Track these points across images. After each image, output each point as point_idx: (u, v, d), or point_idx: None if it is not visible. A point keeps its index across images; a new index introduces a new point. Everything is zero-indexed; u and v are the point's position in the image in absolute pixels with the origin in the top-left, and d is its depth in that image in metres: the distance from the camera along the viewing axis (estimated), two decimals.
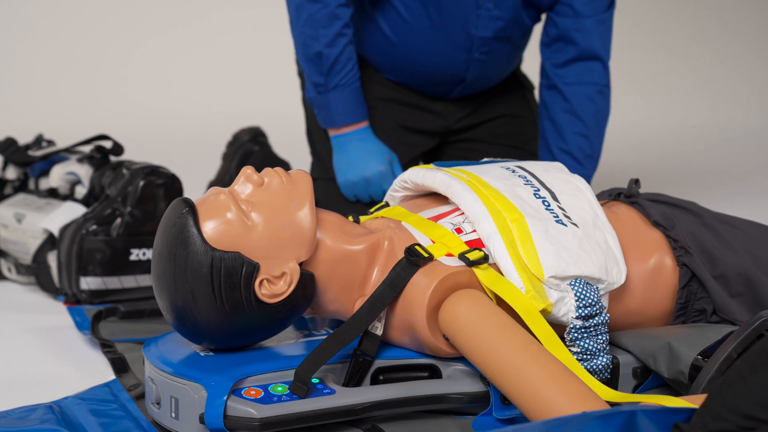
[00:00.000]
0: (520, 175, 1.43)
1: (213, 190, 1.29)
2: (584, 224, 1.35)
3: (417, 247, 1.29)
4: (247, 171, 1.30)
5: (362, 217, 1.46)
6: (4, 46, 4.08)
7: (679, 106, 4.39)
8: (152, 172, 1.90)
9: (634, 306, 1.40)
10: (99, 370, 1.54)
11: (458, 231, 1.34)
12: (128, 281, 1.87)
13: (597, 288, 1.30)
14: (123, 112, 3.90)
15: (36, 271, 1.90)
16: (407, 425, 1.28)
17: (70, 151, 2.08)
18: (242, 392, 1.22)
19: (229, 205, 1.26)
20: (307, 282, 1.28)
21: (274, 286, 1.26)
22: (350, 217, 1.43)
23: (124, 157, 2.05)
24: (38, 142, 2.14)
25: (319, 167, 2.20)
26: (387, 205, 1.51)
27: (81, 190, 1.98)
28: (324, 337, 1.31)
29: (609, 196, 1.56)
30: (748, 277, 1.43)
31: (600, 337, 1.30)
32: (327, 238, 1.31)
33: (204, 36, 4.29)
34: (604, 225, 1.37)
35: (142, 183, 1.88)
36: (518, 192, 1.38)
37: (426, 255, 1.29)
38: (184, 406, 1.23)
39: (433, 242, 1.33)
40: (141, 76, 4.14)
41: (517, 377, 1.15)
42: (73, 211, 1.91)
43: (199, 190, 2.52)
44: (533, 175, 1.44)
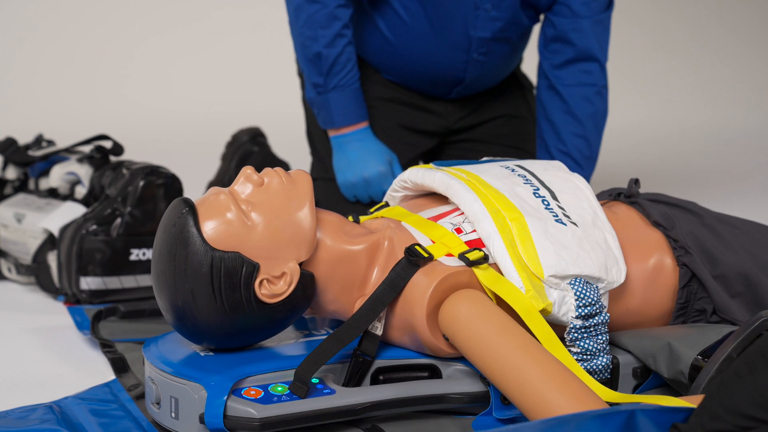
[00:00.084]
0: (519, 174, 1.43)
1: (213, 190, 1.29)
2: (584, 223, 1.35)
3: (417, 247, 1.29)
4: (247, 171, 1.30)
5: (362, 217, 1.46)
6: (4, 46, 4.07)
7: (679, 106, 4.39)
8: (152, 172, 1.90)
9: (634, 306, 1.40)
10: (99, 370, 1.54)
11: (458, 231, 1.34)
12: (128, 281, 1.87)
13: (597, 287, 1.30)
14: (123, 112, 3.90)
15: (36, 271, 1.90)
16: (407, 425, 1.28)
17: (70, 151, 2.07)
18: (242, 392, 1.21)
19: (229, 205, 1.26)
20: (307, 282, 1.28)
21: (274, 286, 1.26)
22: (350, 217, 1.43)
23: (124, 157, 2.05)
24: (38, 142, 2.13)
25: (319, 167, 2.19)
26: (387, 205, 1.51)
27: (81, 190, 1.98)
28: (324, 337, 1.30)
29: (609, 196, 1.55)
30: (748, 277, 1.43)
31: (600, 337, 1.30)
32: (327, 238, 1.30)
33: (204, 36, 4.29)
34: (604, 224, 1.37)
35: (142, 183, 1.88)
36: (518, 191, 1.38)
37: (426, 255, 1.29)
38: (184, 406, 1.23)
39: (433, 242, 1.32)
40: (141, 76, 4.14)
41: (517, 377, 1.15)
42: (73, 211, 1.91)
43: (199, 190, 2.52)
44: (533, 174, 1.44)
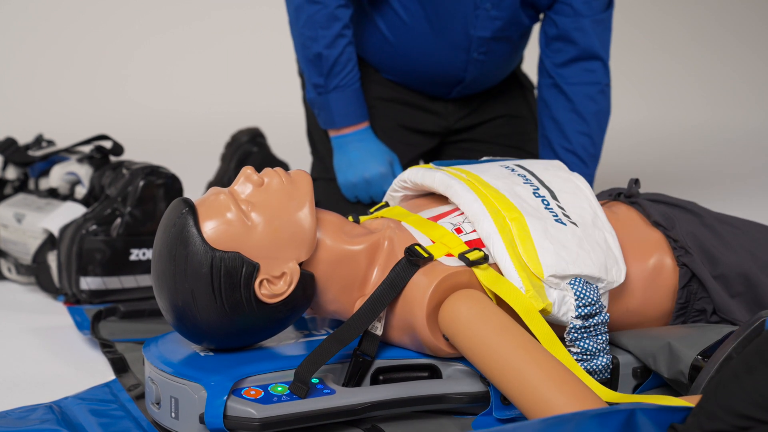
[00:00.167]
0: (519, 174, 1.43)
1: (213, 190, 1.28)
2: (583, 223, 1.35)
3: (417, 247, 1.29)
4: (247, 171, 1.30)
5: (362, 217, 1.46)
6: (4, 46, 4.07)
7: (679, 106, 4.39)
8: (152, 172, 1.90)
9: (634, 306, 1.40)
10: (99, 370, 1.54)
11: (458, 231, 1.34)
12: (128, 281, 1.87)
13: (596, 287, 1.30)
14: (123, 112, 3.90)
15: (36, 271, 1.90)
16: (407, 425, 1.28)
17: (70, 151, 2.07)
18: (242, 392, 1.21)
19: (229, 205, 1.26)
20: (307, 282, 1.28)
21: (274, 286, 1.26)
22: (350, 217, 1.43)
23: (124, 157, 2.05)
24: (38, 142, 2.13)
25: (320, 167, 2.19)
26: (387, 205, 1.51)
27: (81, 190, 1.98)
28: (324, 337, 1.30)
29: (609, 196, 1.55)
30: (748, 277, 1.43)
31: (600, 337, 1.30)
32: (327, 238, 1.30)
33: (204, 36, 4.29)
34: (604, 224, 1.37)
35: (142, 183, 1.88)
36: (517, 191, 1.38)
37: (426, 255, 1.29)
38: (184, 406, 1.23)
39: (433, 242, 1.32)
40: (141, 76, 4.14)
41: (517, 377, 1.15)
42: (73, 211, 1.91)
43: (199, 190, 2.52)
44: (532, 173, 1.43)
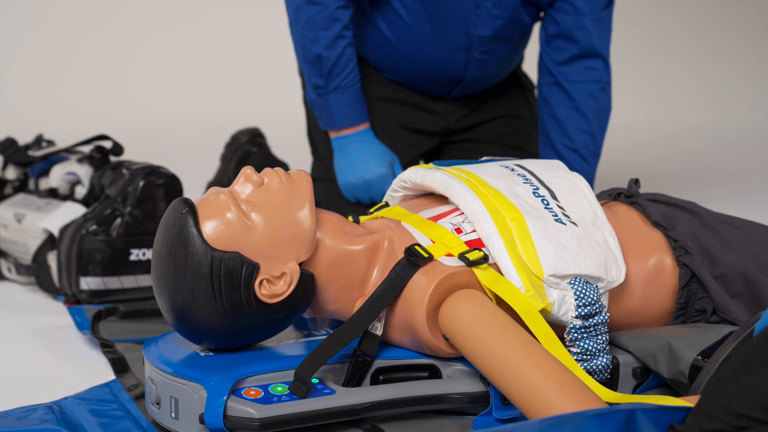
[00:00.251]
0: (519, 174, 1.43)
1: (213, 190, 1.28)
2: (583, 223, 1.35)
3: (417, 247, 1.29)
4: (247, 171, 1.30)
5: (362, 218, 1.46)
6: (4, 46, 4.07)
7: (679, 106, 4.39)
8: (152, 172, 1.90)
9: (634, 306, 1.40)
10: (99, 370, 1.54)
11: (458, 231, 1.34)
12: (128, 281, 1.87)
13: (596, 287, 1.30)
14: (123, 112, 3.90)
15: (36, 271, 1.90)
16: (407, 425, 1.28)
17: (70, 151, 2.07)
18: (242, 392, 1.21)
19: (229, 205, 1.26)
20: (307, 282, 1.28)
21: (274, 286, 1.26)
22: (350, 218, 1.43)
23: (124, 157, 2.05)
24: (38, 142, 2.14)
25: (320, 167, 2.19)
26: (387, 205, 1.51)
27: (81, 190, 1.98)
28: (324, 337, 1.31)
29: (609, 196, 1.55)
30: (748, 277, 1.43)
31: (600, 337, 1.30)
32: (327, 238, 1.30)
33: (204, 36, 4.28)
34: (604, 224, 1.37)
35: (142, 183, 1.88)
36: (517, 191, 1.38)
37: (426, 255, 1.29)
38: (184, 406, 1.23)
39: (433, 242, 1.32)
40: (141, 76, 4.14)
41: (517, 377, 1.15)
42: (73, 211, 1.91)
43: (199, 190, 2.52)
44: (532, 173, 1.43)
